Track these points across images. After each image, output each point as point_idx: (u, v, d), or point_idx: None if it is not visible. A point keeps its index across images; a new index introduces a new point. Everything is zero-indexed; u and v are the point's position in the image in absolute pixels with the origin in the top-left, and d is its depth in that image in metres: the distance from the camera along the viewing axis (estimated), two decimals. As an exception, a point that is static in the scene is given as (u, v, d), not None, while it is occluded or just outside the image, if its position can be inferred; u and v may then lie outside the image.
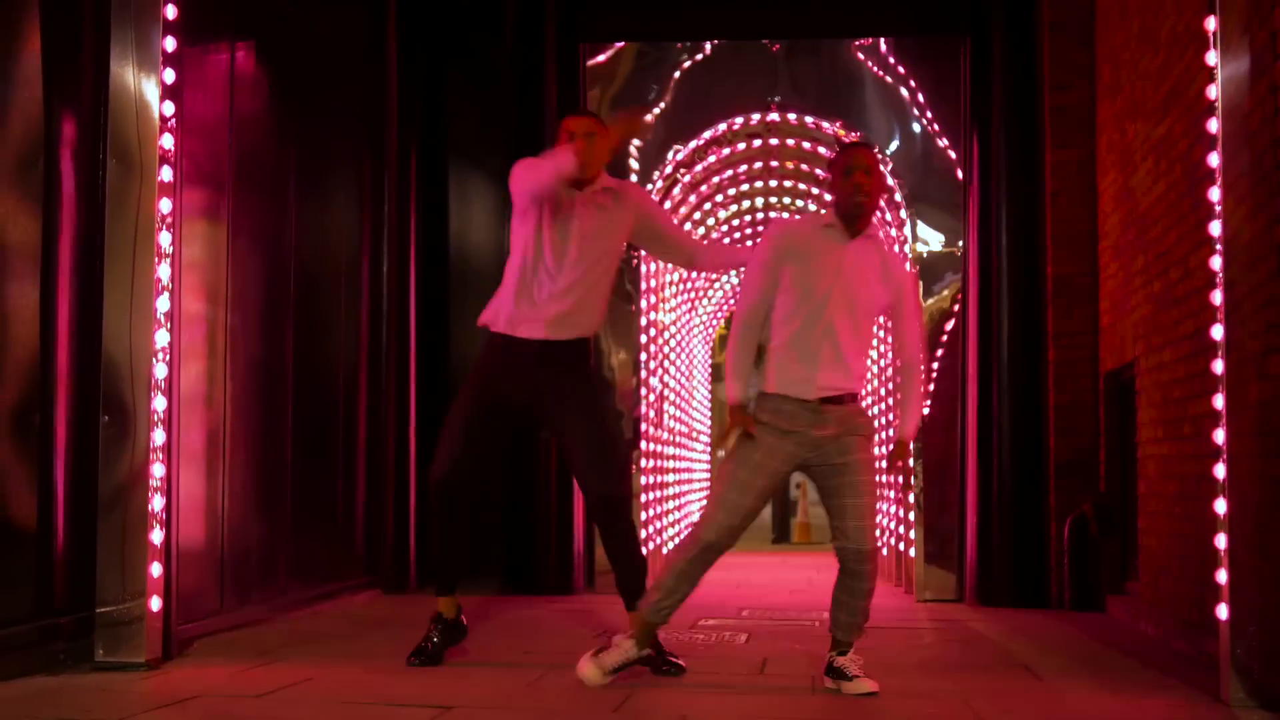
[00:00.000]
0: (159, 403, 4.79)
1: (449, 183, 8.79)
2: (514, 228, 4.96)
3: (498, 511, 8.12)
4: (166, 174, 4.82)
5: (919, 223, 8.70)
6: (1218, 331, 4.49)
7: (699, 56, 9.05)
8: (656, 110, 8.93)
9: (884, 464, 7.41)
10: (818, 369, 4.61)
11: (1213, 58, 4.57)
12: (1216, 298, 4.51)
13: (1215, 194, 4.53)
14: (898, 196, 8.84)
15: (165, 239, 4.81)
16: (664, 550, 10.24)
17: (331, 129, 7.44)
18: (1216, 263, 4.52)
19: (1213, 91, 4.56)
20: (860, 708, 4.37)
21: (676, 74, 9.00)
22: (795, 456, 4.60)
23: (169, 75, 4.84)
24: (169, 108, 4.84)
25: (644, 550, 5.25)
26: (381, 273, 8.07)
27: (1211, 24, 4.58)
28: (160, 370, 4.79)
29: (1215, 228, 4.52)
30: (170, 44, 4.86)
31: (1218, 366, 4.49)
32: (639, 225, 5.05)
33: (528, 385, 4.88)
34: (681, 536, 10.57)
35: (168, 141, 4.83)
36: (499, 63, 8.60)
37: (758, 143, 9.49)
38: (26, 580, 4.62)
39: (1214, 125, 4.55)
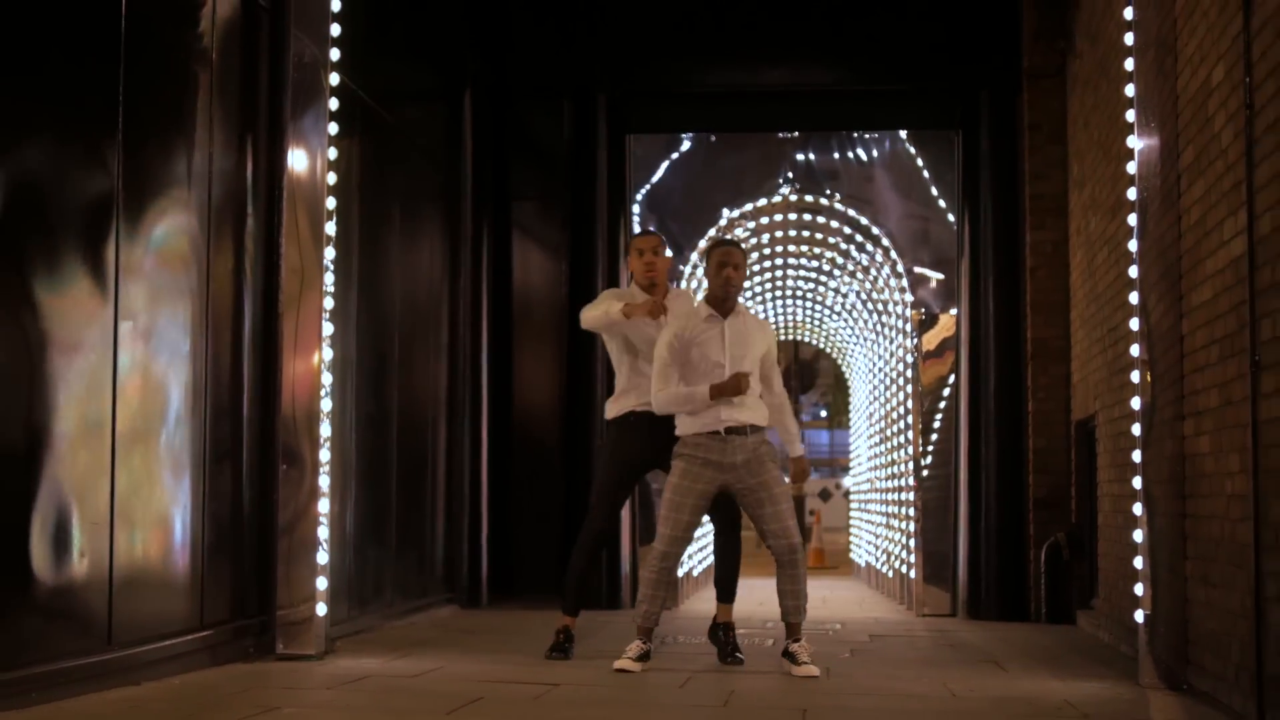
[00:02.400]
0: (323, 454, 6.19)
1: (513, 256, 10.17)
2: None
3: (556, 539, 9.50)
4: (329, 280, 6.23)
5: (919, 290, 10.13)
6: (1135, 403, 5.88)
7: (720, 142, 10.50)
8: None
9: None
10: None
11: (1133, 194, 5.97)
12: (1135, 377, 5.90)
13: (1134, 298, 5.93)
14: (899, 268, 10.26)
15: (328, 329, 6.23)
16: (692, 575, 11.64)
17: (419, 209, 8.87)
18: (1135, 350, 5.91)
19: (1133, 219, 5.96)
20: (862, 684, 5.75)
21: (702, 157, 10.45)
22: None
23: (330, 202, 6.27)
24: (331, 228, 6.26)
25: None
26: (458, 334, 9.49)
27: (1131, 167, 5.99)
28: (325, 429, 6.20)
29: (1134, 323, 5.92)
30: (331, 178, 6.28)
31: (1135, 429, 5.88)
32: None
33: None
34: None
35: (329, 254, 6.25)
36: (556, 152, 10.03)
37: (779, 217, 10.94)
38: (224, 591, 6.01)
39: (1133, 245, 5.95)
